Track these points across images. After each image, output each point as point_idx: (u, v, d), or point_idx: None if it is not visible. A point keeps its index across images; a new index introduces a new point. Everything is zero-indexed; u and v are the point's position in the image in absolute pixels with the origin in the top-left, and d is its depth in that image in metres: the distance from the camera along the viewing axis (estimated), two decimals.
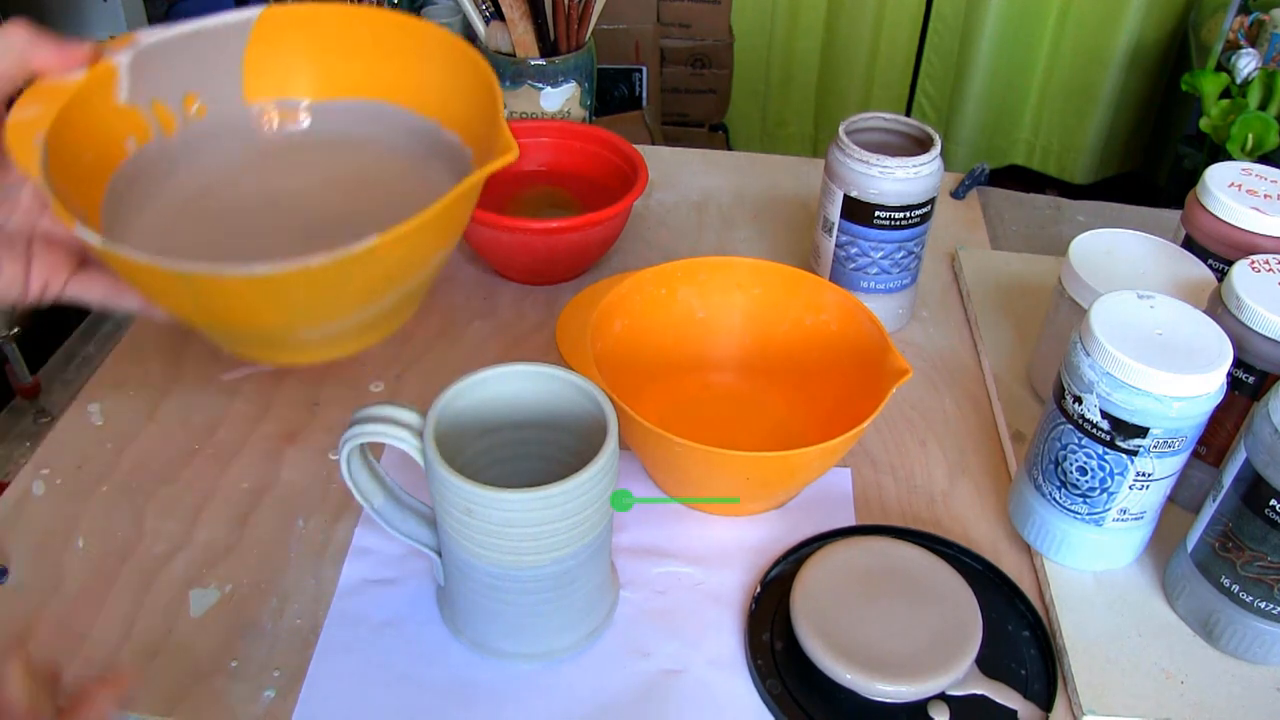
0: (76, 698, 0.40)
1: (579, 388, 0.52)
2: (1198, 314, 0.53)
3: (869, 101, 2.27)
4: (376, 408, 0.50)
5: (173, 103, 0.48)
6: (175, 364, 0.72)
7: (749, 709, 0.52)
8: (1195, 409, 0.50)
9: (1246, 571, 0.51)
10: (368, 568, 0.58)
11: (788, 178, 0.97)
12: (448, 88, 0.47)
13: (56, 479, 0.63)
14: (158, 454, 0.65)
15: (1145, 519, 0.56)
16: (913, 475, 0.66)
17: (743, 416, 0.68)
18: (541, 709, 0.52)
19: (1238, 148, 1.43)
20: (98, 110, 0.45)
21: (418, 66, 0.47)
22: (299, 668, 0.53)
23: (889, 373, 0.59)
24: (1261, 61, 1.58)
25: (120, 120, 0.46)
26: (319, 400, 0.70)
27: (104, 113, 0.45)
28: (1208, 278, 0.64)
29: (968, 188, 0.95)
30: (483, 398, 0.53)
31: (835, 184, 0.72)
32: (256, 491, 0.63)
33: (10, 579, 0.57)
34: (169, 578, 0.58)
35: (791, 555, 0.59)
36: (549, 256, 0.78)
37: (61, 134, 0.42)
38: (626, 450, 0.64)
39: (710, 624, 0.56)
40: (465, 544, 0.49)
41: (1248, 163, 0.67)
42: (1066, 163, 2.29)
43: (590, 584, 0.53)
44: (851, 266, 0.74)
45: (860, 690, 0.50)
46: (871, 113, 0.75)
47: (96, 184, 0.45)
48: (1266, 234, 0.62)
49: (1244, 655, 0.54)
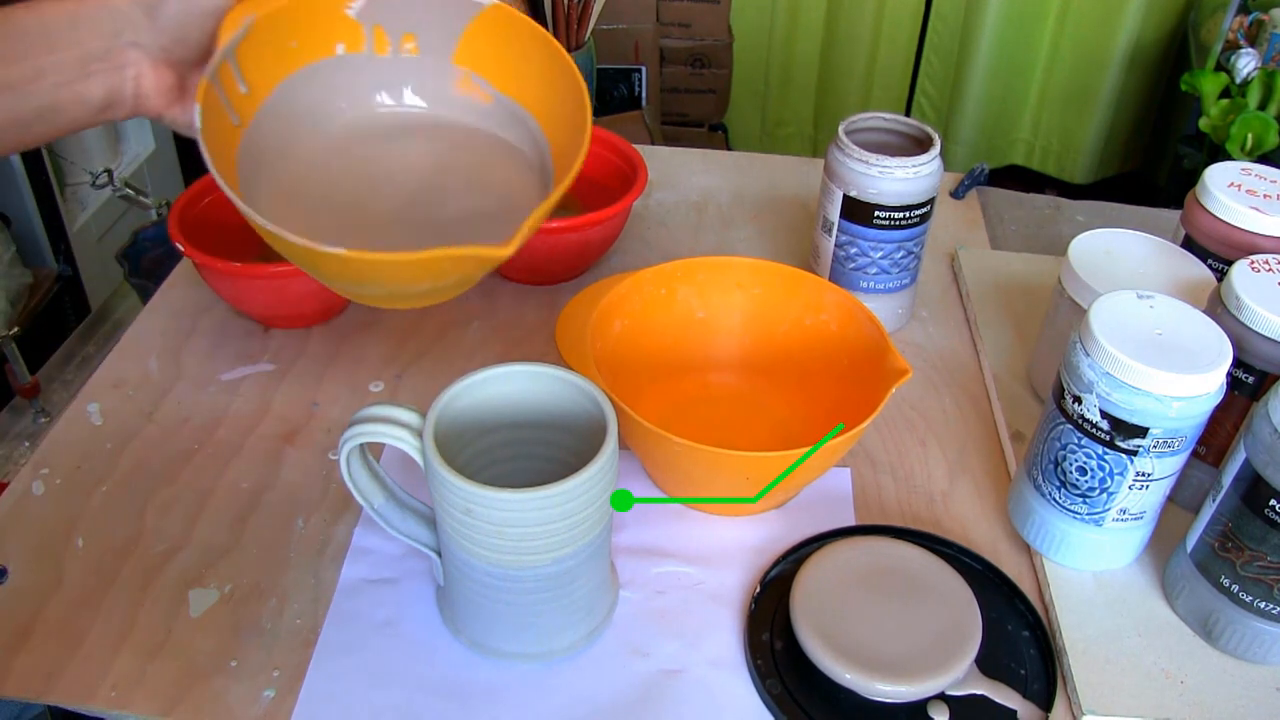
0: None
1: (579, 388, 0.52)
2: (1197, 314, 0.53)
3: (869, 101, 2.27)
4: (376, 408, 0.50)
5: (393, 34, 0.53)
6: (175, 364, 0.72)
7: (749, 709, 0.52)
8: (1195, 409, 0.50)
9: (1246, 571, 0.51)
10: (367, 568, 0.58)
11: (787, 178, 0.97)
12: (564, 118, 0.52)
13: (56, 479, 0.63)
14: (157, 454, 0.65)
15: (1145, 519, 0.56)
16: (912, 475, 0.66)
17: (743, 416, 0.68)
18: (541, 709, 0.52)
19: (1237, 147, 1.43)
20: (326, 11, 0.51)
21: (555, 91, 0.53)
22: (298, 667, 0.53)
23: (889, 373, 0.59)
24: (1261, 61, 1.58)
25: (341, 27, 0.52)
26: (319, 400, 0.70)
27: (331, 15, 0.52)
28: (1207, 278, 0.64)
29: (967, 188, 0.95)
30: (483, 398, 0.53)
31: (835, 184, 0.72)
32: (256, 491, 0.63)
33: (10, 579, 0.57)
34: (168, 577, 0.58)
35: (791, 555, 0.59)
36: (549, 256, 0.78)
37: (280, 17, 0.48)
38: (626, 450, 0.64)
39: (710, 624, 0.56)
40: (465, 544, 0.49)
41: (1247, 163, 0.67)
42: (1066, 163, 2.29)
43: (590, 584, 0.53)
44: (851, 266, 0.74)
45: (860, 690, 0.50)
46: (871, 113, 0.75)
47: (279, 72, 0.51)
48: (1266, 234, 0.62)
49: (1244, 655, 0.54)
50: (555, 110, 0.53)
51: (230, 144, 0.49)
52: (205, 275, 0.72)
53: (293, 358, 0.73)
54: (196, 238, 0.71)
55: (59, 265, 1.75)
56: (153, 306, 0.78)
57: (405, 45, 0.53)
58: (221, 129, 0.48)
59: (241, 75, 0.49)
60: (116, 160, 1.92)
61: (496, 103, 0.55)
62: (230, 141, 0.49)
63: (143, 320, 0.77)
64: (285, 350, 0.74)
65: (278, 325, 0.76)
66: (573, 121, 0.51)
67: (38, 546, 0.59)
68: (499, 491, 0.46)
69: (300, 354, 0.74)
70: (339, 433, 0.51)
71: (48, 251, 1.73)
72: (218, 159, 0.46)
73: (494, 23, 0.51)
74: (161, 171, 2.02)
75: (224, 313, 0.77)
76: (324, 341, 0.75)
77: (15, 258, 1.64)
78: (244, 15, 0.47)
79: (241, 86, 0.49)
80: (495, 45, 0.52)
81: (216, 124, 0.47)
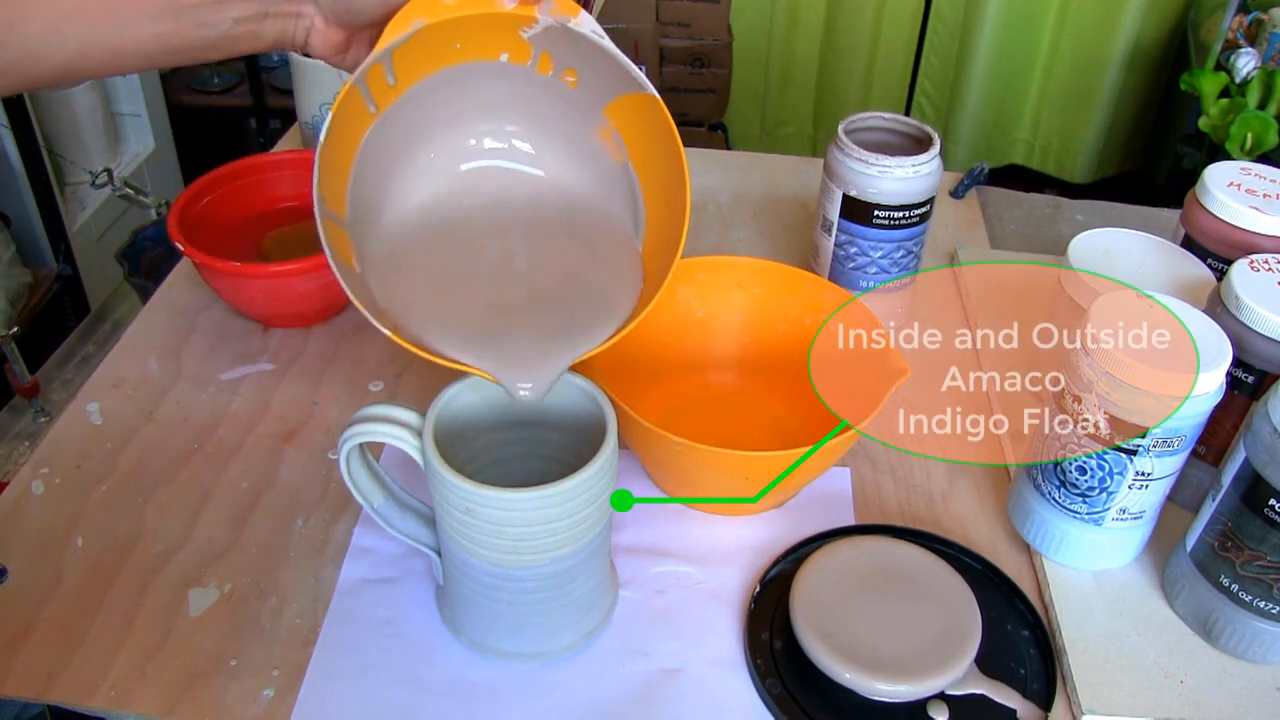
0: None
1: (579, 388, 0.52)
2: (1197, 314, 0.53)
3: (868, 101, 2.27)
4: (376, 407, 0.50)
5: (558, 64, 0.52)
6: (175, 364, 0.72)
7: (748, 708, 0.52)
8: (1194, 409, 0.50)
9: (1246, 571, 0.51)
10: (367, 567, 0.58)
11: (787, 177, 0.97)
12: (664, 224, 0.54)
13: (56, 478, 0.63)
14: (157, 454, 0.65)
15: (1144, 518, 0.56)
16: (912, 475, 0.66)
17: (743, 416, 0.68)
18: (541, 709, 0.52)
19: (1237, 147, 1.44)
20: (500, 27, 0.50)
21: (667, 198, 0.53)
22: (298, 667, 0.53)
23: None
24: (1260, 61, 1.58)
25: (511, 42, 0.51)
26: (318, 400, 0.70)
27: (504, 31, 0.50)
28: (1207, 277, 0.64)
29: (967, 187, 0.95)
30: (483, 398, 0.52)
31: (834, 183, 0.72)
32: (255, 491, 0.63)
33: (10, 579, 0.57)
34: (168, 577, 0.58)
35: (791, 555, 0.59)
36: None
37: (450, 26, 0.47)
38: (626, 450, 0.64)
39: (709, 623, 0.56)
40: (465, 543, 0.49)
41: (1247, 162, 0.67)
42: (1066, 162, 2.29)
43: (589, 583, 0.53)
44: (851, 266, 0.74)
45: (860, 690, 0.50)
46: (871, 112, 0.75)
47: (428, 67, 0.51)
48: (1266, 233, 0.62)
49: (1243, 655, 0.54)
50: (661, 213, 0.53)
51: (360, 128, 0.50)
52: (205, 275, 0.72)
53: (292, 357, 0.73)
54: (196, 237, 0.71)
55: (59, 265, 1.75)
56: (152, 306, 0.78)
57: (566, 77, 0.53)
58: (355, 112, 0.49)
59: (393, 69, 0.49)
60: (116, 160, 1.92)
61: (624, 169, 0.55)
62: (360, 125, 0.50)
63: (142, 320, 0.77)
64: (285, 350, 0.74)
65: (277, 325, 0.76)
66: (669, 232, 0.52)
67: (37, 546, 0.59)
68: (499, 491, 0.46)
69: (300, 354, 0.73)
70: (338, 432, 0.51)
71: (47, 251, 1.73)
72: (333, 178, 0.48)
73: (648, 106, 0.50)
74: (161, 171, 2.02)
75: (224, 312, 0.77)
76: (323, 341, 0.75)
77: (15, 257, 1.64)
78: (413, 18, 0.46)
79: (390, 78, 0.49)
80: (640, 123, 0.52)
81: (351, 109, 0.48)
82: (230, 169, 0.79)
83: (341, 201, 0.51)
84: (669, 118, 0.50)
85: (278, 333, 0.75)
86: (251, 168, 0.80)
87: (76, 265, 1.78)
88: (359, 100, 0.49)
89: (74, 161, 1.82)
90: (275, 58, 2.16)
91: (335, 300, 0.75)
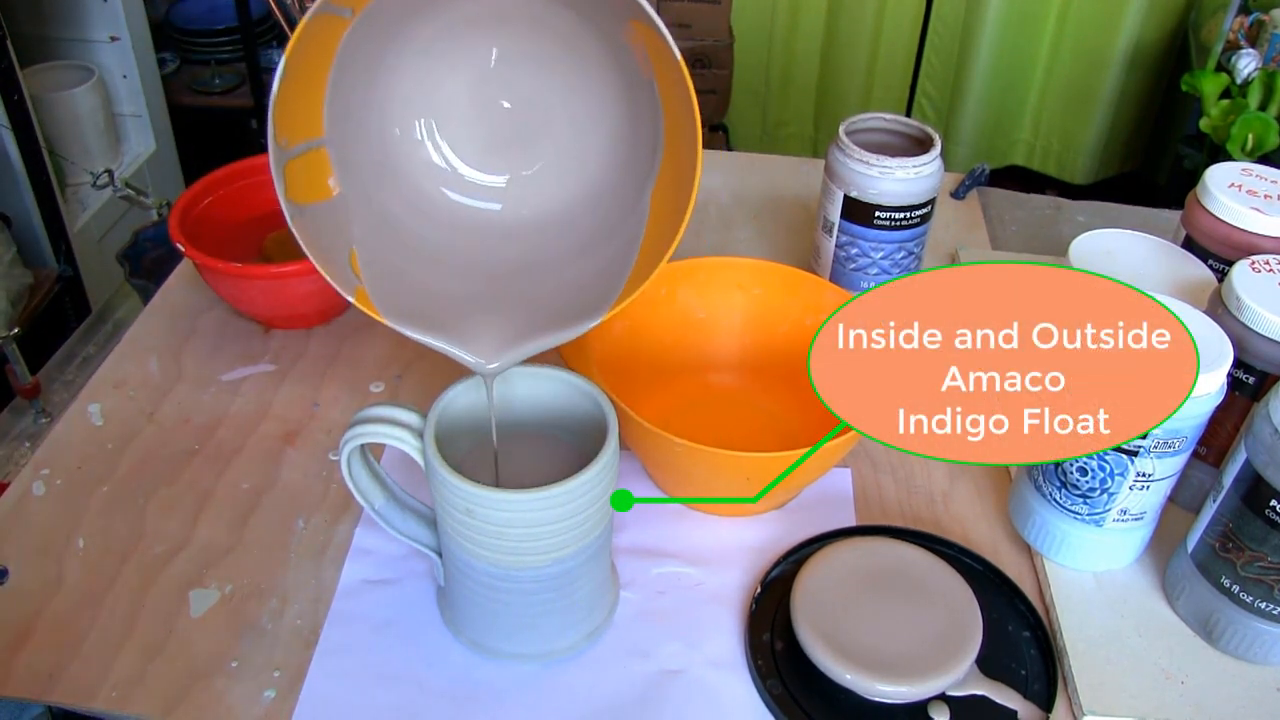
0: None
1: (579, 388, 0.52)
2: (1198, 314, 0.53)
3: (869, 102, 2.27)
4: (377, 408, 0.50)
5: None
6: (175, 364, 0.72)
7: (749, 709, 0.52)
8: (1195, 409, 0.50)
9: (1246, 572, 0.51)
10: (368, 568, 0.58)
11: (788, 178, 0.97)
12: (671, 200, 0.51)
13: (56, 479, 0.63)
14: (158, 454, 0.65)
15: (1145, 519, 0.56)
16: (913, 475, 0.66)
17: (743, 416, 0.68)
18: (541, 709, 0.52)
19: (1238, 148, 1.44)
20: None
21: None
22: (299, 668, 0.53)
23: None
24: (1261, 62, 1.58)
25: None
26: (319, 401, 0.70)
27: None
28: (1208, 278, 0.64)
29: (968, 188, 0.95)
30: (483, 398, 0.52)
31: (835, 184, 0.72)
32: (256, 492, 0.63)
33: (10, 579, 0.57)
34: (169, 578, 0.58)
35: (792, 555, 0.59)
36: None
37: None
38: (626, 450, 0.64)
39: (710, 624, 0.56)
40: (465, 544, 0.49)
41: (1248, 163, 0.67)
42: (1066, 163, 2.29)
43: (590, 584, 0.53)
44: (851, 267, 0.74)
45: (860, 690, 0.50)
46: (871, 113, 0.75)
47: None
48: (1266, 234, 0.62)
49: (1244, 655, 0.54)
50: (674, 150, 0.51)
51: (332, 37, 0.46)
52: (206, 276, 0.72)
53: (293, 358, 0.73)
54: (197, 238, 0.71)
55: (60, 265, 1.75)
56: (153, 307, 0.78)
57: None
58: (323, 29, 0.45)
59: None
60: (117, 160, 1.92)
61: (649, 87, 0.51)
62: (333, 35, 0.46)
63: (143, 321, 0.77)
64: (286, 351, 0.74)
65: (278, 326, 0.76)
66: (681, 176, 0.50)
67: (38, 547, 0.59)
68: (499, 492, 0.46)
69: (301, 355, 0.74)
70: (339, 433, 0.51)
71: (48, 252, 1.73)
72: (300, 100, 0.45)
73: (656, 41, 0.47)
74: (162, 172, 2.02)
75: (224, 313, 0.77)
76: (324, 342, 0.75)
77: (16, 258, 1.64)
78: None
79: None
80: (653, 53, 0.49)
81: (319, 27, 0.44)
82: (231, 170, 0.79)
83: (317, 117, 0.48)
84: (676, 52, 0.47)
85: (279, 334, 0.75)
86: (253, 169, 0.80)
87: (77, 266, 1.78)
88: (327, 18, 0.45)
89: (75, 162, 1.82)
90: (277, 59, 2.16)
91: (336, 302, 0.75)
